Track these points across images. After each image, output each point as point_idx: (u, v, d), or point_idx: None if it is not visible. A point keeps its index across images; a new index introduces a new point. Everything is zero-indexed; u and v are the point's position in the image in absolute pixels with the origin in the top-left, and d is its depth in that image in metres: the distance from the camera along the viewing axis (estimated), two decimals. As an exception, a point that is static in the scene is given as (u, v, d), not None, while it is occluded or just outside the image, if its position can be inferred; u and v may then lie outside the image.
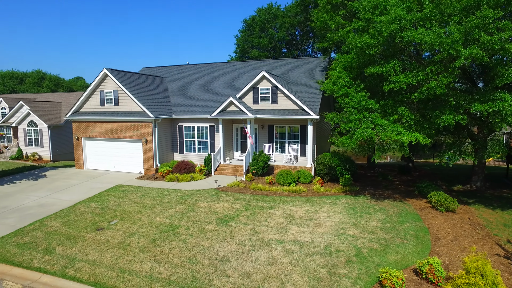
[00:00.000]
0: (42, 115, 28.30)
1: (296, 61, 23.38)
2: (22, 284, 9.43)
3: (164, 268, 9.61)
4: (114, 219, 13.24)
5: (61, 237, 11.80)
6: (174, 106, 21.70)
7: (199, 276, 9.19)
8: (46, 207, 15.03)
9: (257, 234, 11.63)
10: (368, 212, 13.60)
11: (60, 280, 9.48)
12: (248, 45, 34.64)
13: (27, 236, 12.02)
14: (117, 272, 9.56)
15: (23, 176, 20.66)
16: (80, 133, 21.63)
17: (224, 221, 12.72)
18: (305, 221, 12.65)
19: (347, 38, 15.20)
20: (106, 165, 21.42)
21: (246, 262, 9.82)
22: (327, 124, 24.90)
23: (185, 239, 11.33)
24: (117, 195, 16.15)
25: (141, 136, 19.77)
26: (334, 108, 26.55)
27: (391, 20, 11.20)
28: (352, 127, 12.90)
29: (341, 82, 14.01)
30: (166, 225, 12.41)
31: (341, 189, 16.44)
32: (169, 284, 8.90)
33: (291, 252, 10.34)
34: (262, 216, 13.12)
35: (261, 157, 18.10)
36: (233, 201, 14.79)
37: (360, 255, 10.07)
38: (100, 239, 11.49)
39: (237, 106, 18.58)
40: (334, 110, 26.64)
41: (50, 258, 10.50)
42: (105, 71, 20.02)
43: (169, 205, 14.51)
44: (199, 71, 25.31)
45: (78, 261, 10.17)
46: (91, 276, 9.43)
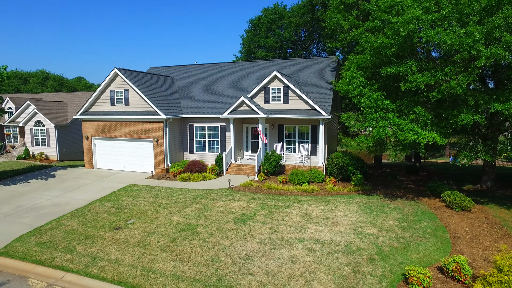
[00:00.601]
0: (49, 115, 28.26)
1: (305, 61, 23.45)
2: (47, 282, 9.46)
3: (187, 267, 9.64)
4: (130, 218, 13.26)
5: (80, 236, 11.82)
6: (184, 106, 21.72)
7: (223, 275, 9.23)
8: (61, 207, 15.04)
9: (277, 233, 11.68)
10: (383, 211, 13.67)
11: (84, 278, 9.51)
12: (254, 45, 34.67)
13: (45, 235, 12.03)
14: (141, 271, 9.58)
15: (33, 175, 20.64)
16: (90, 132, 21.62)
17: (241, 220, 12.76)
18: (323, 220, 12.71)
19: (361, 38, 15.29)
20: (115, 165, 21.42)
21: (269, 261, 9.87)
22: (334, 124, 24.97)
23: (205, 238, 11.36)
24: (131, 195, 16.16)
25: (152, 135, 19.78)
26: (341, 107, 26.65)
27: (408, 20, 11.28)
28: (369, 126, 12.96)
29: (356, 82, 14.08)
30: (184, 224, 12.44)
31: (353, 189, 16.50)
32: (194, 282, 8.94)
33: (313, 251, 10.40)
34: (279, 215, 13.17)
35: (273, 157, 18.15)
36: (248, 201, 14.83)
37: (381, 253, 10.14)
38: (120, 238, 11.51)
39: (248, 105, 18.62)
40: (341, 109, 26.75)
41: (72, 257, 10.52)
42: (116, 70, 20.03)
43: (184, 204, 14.54)
44: (207, 71, 25.34)
45: (100, 260, 10.19)
46: (115, 275, 9.46)
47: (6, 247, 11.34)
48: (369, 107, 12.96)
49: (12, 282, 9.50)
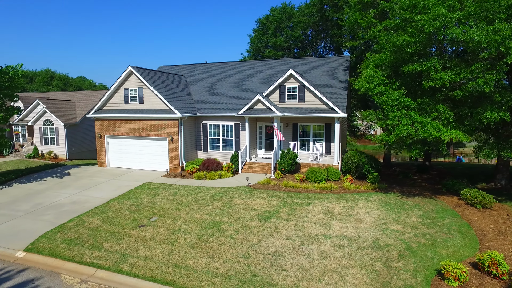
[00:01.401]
0: (58, 114, 28.19)
1: (317, 60, 23.51)
2: (80, 278, 9.47)
3: (219, 264, 9.67)
4: (153, 216, 13.27)
5: (105, 234, 11.82)
6: (198, 104, 21.73)
7: (257, 271, 9.26)
8: (80, 204, 15.03)
9: (302, 229, 11.74)
10: (404, 208, 13.75)
11: (116, 275, 9.52)
12: (262, 45, 34.70)
13: (70, 232, 12.03)
14: (172, 267, 9.61)
15: (47, 173, 20.59)
16: (103, 131, 21.59)
17: (265, 217, 12.81)
18: (346, 217, 12.78)
19: (379, 37, 15.37)
20: (129, 163, 21.40)
21: (300, 257, 9.92)
22: (345, 123, 25.07)
23: (231, 235, 11.39)
24: (149, 193, 16.16)
25: (166, 134, 19.77)
26: (350, 106, 26.73)
27: (434, 17, 11.35)
28: (391, 124, 13.04)
29: (376, 80, 14.15)
30: (209, 222, 12.47)
31: (370, 187, 16.58)
32: (229, 279, 8.97)
33: (342, 247, 10.46)
34: (302, 212, 13.22)
35: (289, 155, 18.20)
36: (269, 198, 14.88)
37: (410, 249, 10.21)
38: (145, 236, 11.52)
39: (264, 104, 18.66)
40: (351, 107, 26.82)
41: (100, 253, 10.52)
42: (130, 68, 20.01)
43: (205, 202, 14.56)
44: (218, 69, 25.36)
45: (130, 257, 10.20)
46: (147, 272, 9.47)
47: (33, 244, 11.34)
48: (391, 105, 13.03)
49: (46, 277, 9.51)
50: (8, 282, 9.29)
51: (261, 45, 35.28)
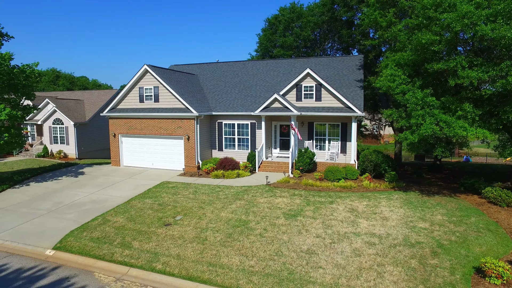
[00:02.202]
0: (68, 113, 28.07)
1: (331, 60, 23.53)
2: (114, 277, 9.42)
3: (254, 262, 9.65)
4: (177, 215, 13.22)
5: (132, 232, 11.77)
6: (212, 103, 21.69)
7: (293, 268, 9.25)
8: (100, 203, 14.96)
9: (330, 227, 11.73)
10: (426, 206, 13.77)
11: (150, 273, 9.47)
12: (271, 44, 34.70)
13: (96, 231, 11.96)
14: (207, 266, 9.57)
15: (62, 173, 20.48)
16: (117, 130, 21.50)
17: (291, 215, 12.79)
18: (371, 215, 12.79)
19: (399, 35, 15.41)
20: (143, 162, 21.32)
21: (334, 254, 9.92)
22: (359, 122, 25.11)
23: (261, 233, 11.37)
24: (169, 192, 16.11)
25: (182, 133, 19.72)
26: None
27: (462, 15, 11.39)
28: (415, 123, 13.06)
29: (397, 79, 14.18)
30: (235, 220, 12.44)
31: (389, 185, 16.60)
32: (266, 276, 8.95)
33: (373, 244, 10.47)
34: (327, 211, 13.22)
35: (307, 154, 18.21)
36: (291, 197, 14.87)
37: (442, 246, 10.23)
38: (174, 234, 11.48)
39: (281, 103, 18.66)
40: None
41: (131, 252, 10.47)
42: (146, 67, 19.95)
43: (227, 201, 14.53)
44: (231, 68, 25.33)
45: (162, 256, 10.15)
46: (182, 270, 9.43)
47: (61, 242, 11.29)
48: (416, 103, 13.06)
49: (79, 275, 9.46)
50: (44, 279, 9.24)
51: (270, 44, 35.27)
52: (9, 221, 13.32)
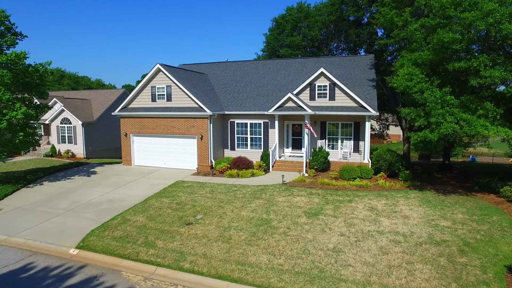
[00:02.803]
0: (76, 112, 27.96)
1: (341, 59, 23.56)
2: (142, 276, 9.37)
3: (282, 260, 9.63)
4: (197, 214, 13.18)
5: (154, 232, 11.71)
6: (224, 102, 21.65)
7: (322, 267, 9.24)
8: (117, 202, 14.90)
9: (353, 226, 11.73)
10: (445, 205, 13.80)
11: (178, 273, 9.42)
12: (279, 44, 34.71)
13: (117, 230, 11.91)
14: (235, 265, 9.54)
15: (74, 172, 20.39)
16: (129, 129, 21.42)
17: (312, 214, 12.79)
18: (391, 214, 12.80)
19: (415, 35, 15.44)
20: (155, 162, 21.25)
21: (361, 252, 9.91)
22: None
23: (285, 232, 11.36)
24: (185, 191, 16.06)
25: (195, 132, 19.67)
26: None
27: (485, 13, 11.42)
28: (435, 121, 13.09)
29: (415, 78, 14.21)
30: (257, 219, 12.41)
31: (404, 184, 16.63)
32: (297, 275, 8.93)
33: (398, 242, 10.47)
34: (347, 209, 13.22)
35: (321, 153, 18.21)
36: (308, 196, 14.86)
37: (469, 245, 10.24)
38: (197, 233, 11.44)
39: (295, 102, 18.65)
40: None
41: (156, 251, 10.42)
42: (158, 66, 19.89)
43: (246, 200, 14.50)
44: (241, 68, 25.30)
45: (188, 255, 10.11)
46: (211, 269, 9.40)
47: (83, 241, 11.23)
48: (435, 102, 13.08)
49: (107, 274, 9.41)
50: (73, 278, 9.19)
51: (277, 44, 35.26)
52: (28, 220, 13.25)
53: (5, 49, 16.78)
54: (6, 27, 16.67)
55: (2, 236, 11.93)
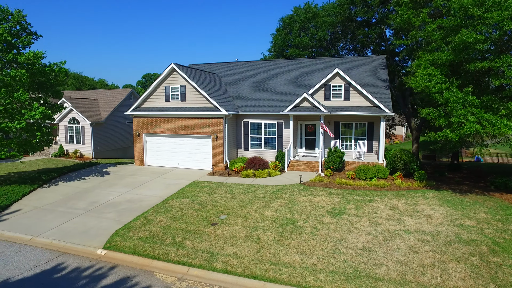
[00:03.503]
0: (84, 112, 27.81)
1: (353, 60, 23.65)
2: (176, 276, 9.35)
3: (315, 260, 9.65)
4: (220, 214, 13.16)
5: (180, 232, 11.68)
6: (237, 102, 21.65)
7: (356, 266, 9.27)
8: (136, 203, 14.84)
9: (378, 225, 11.79)
10: (466, 205, 13.89)
11: (212, 273, 9.40)
12: (286, 44, 34.77)
13: (142, 231, 11.86)
14: (269, 264, 9.54)
15: (87, 172, 20.27)
16: (142, 129, 21.34)
17: (336, 214, 12.83)
18: (414, 213, 12.87)
19: (432, 35, 15.55)
20: (167, 162, 21.19)
21: (391, 251, 9.96)
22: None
23: (312, 231, 11.38)
24: (204, 191, 16.03)
25: (210, 132, 19.64)
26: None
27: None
28: (457, 121, 13.19)
29: (435, 79, 14.31)
30: (282, 219, 12.42)
31: (420, 184, 16.73)
32: (332, 274, 8.96)
33: (427, 242, 10.54)
34: (369, 209, 13.28)
35: (337, 153, 18.27)
36: (328, 196, 14.90)
37: (499, 244, 10.32)
38: (224, 234, 11.42)
39: (311, 102, 18.69)
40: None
41: (186, 252, 10.39)
42: (173, 66, 19.84)
43: (266, 200, 14.50)
44: (252, 68, 25.30)
45: (219, 255, 10.09)
46: (245, 269, 9.39)
47: (109, 242, 11.18)
48: (456, 102, 13.18)
49: (140, 275, 9.37)
50: (107, 278, 9.15)
51: (284, 44, 35.33)
52: (50, 220, 13.17)
53: (21, 49, 16.66)
54: (22, 26, 16.56)
55: (27, 236, 11.86)
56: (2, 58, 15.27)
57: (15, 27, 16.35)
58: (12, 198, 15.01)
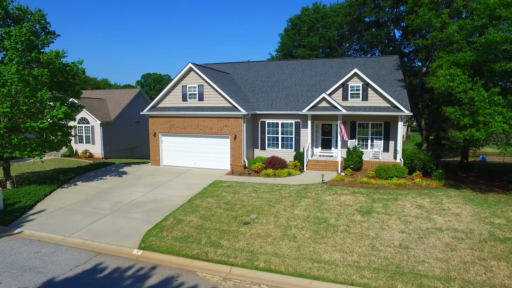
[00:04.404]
0: (93, 112, 27.57)
1: (366, 60, 23.84)
2: (220, 276, 9.34)
3: (356, 257, 9.73)
4: (250, 213, 13.18)
5: (214, 232, 11.66)
6: (253, 102, 21.67)
7: (398, 263, 9.37)
8: (161, 203, 14.78)
9: (409, 223, 11.91)
10: (490, 203, 14.07)
11: (256, 272, 9.42)
12: (294, 44, 34.93)
13: (175, 231, 11.82)
14: (311, 262, 9.59)
15: (103, 172, 20.11)
16: (158, 129, 21.24)
17: (365, 212, 12.93)
18: (441, 212, 13.03)
19: (453, 36, 15.77)
20: (184, 162, 21.11)
21: (429, 249, 10.08)
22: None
23: (346, 229, 11.47)
24: (228, 191, 16.02)
25: (229, 131, 19.63)
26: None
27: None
28: (483, 121, 13.40)
29: (458, 79, 14.52)
30: (313, 218, 12.49)
31: (439, 183, 16.92)
32: (376, 271, 9.05)
33: (461, 239, 10.69)
34: (396, 208, 13.41)
35: (356, 153, 18.42)
36: (353, 194, 15.00)
37: (535, 242, 10.52)
38: (259, 233, 11.45)
39: (329, 102, 18.81)
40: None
41: (224, 251, 10.38)
42: (190, 65, 19.79)
43: (292, 199, 14.55)
44: (265, 68, 25.35)
45: (259, 254, 10.12)
46: (289, 268, 9.43)
47: (144, 242, 11.13)
48: (483, 102, 13.39)
49: (183, 275, 9.34)
50: (151, 279, 9.10)
51: (292, 44, 35.49)
52: (77, 220, 13.06)
53: (40, 48, 16.48)
54: (42, 26, 16.39)
55: (58, 236, 11.75)
56: (25, 57, 15.07)
57: (34, 26, 16.18)
58: (35, 198, 14.84)
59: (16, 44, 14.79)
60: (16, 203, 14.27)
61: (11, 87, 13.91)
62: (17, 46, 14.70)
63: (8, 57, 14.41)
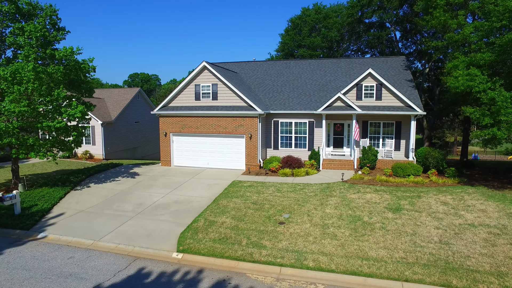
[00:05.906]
0: (94, 112, 26.58)
1: (374, 60, 24.21)
2: (271, 276, 9.19)
3: (402, 254, 9.82)
4: (282, 213, 13.06)
5: (252, 232, 11.48)
6: (265, 101, 21.53)
7: (444, 258, 9.53)
8: (186, 204, 14.43)
9: (441, 220, 12.16)
10: (511, 199, 14.54)
11: (307, 271, 9.34)
12: (295, 44, 35.05)
13: (211, 232, 11.55)
14: (360, 260, 9.61)
15: (113, 173, 19.38)
16: (169, 128, 20.71)
17: (395, 210, 13.09)
18: (467, 208, 13.38)
19: (470, 37, 16.27)
20: (196, 162, 20.69)
21: (469, 244, 10.31)
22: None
23: (382, 227, 11.56)
24: (251, 190, 15.82)
25: (244, 131, 19.40)
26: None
27: None
28: (504, 120, 13.86)
29: (477, 79, 14.99)
30: (346, 216, 12.52)
31: (454, 180, 17.39)
32: (427, 267, 9.16)
33: (498, 234, 11.00)
34: (423, 205, 13.65)
35: (371, 151, 18.65)
36: (376, 192, 15.16)
37: None
38: (298, 232, 11.36)
39: (344, 102, 18.96)
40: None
41: (269, 252, 10.24)
42: (204, 64, 19.43)
43: (319, 197, 14.54)
44: (273, 68, 25.27)
45: (305, 253, 10.04)
46: (339, 266, 9.41)
47: (181, 244, 10.83)
48: (505, 101, 13.86)
49: (234, 277, 9.14)
50: (202, 282, 8.84)
51: (293, 44, 35.61)
52: (102, 223, 12.53)
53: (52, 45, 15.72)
54: (53, 21, 15.63)
55: (88, 241, 11.22)
56: (39, 54, 14.30)
57: (45, 22, 15.42)
58: (51, 201, 14.13)
59: (30, 40, 14.02)
60: (33, 206, 13.53)
61: (27, 85, 13.15)
62: (32, 42, 13.94)
63: (24, 54, 13.62)
